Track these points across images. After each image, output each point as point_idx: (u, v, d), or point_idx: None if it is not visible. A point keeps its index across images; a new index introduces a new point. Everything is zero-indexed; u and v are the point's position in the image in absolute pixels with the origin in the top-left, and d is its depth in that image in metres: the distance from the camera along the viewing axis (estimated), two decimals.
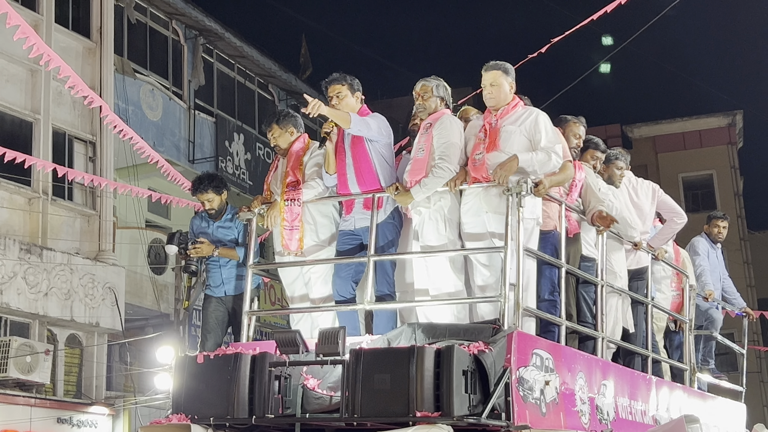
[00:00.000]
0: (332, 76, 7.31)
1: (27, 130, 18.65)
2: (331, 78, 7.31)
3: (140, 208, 20.81)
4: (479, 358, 5.81)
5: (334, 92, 7.26)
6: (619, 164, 8.64)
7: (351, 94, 7.27)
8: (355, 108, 7.26)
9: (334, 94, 7.25)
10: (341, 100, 7.23)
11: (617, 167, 8.61)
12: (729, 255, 11.83)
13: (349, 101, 7.25)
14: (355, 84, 7.31)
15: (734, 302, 11.47)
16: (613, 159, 8.64)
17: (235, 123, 25.19)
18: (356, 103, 7.31)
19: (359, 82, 7.33)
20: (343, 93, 7.24)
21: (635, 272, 8.52)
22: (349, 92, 7.26)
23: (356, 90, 7.31)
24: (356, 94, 7.30)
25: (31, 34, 9.55)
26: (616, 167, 8.60)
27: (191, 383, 6.34)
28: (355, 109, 7.26)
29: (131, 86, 21.26)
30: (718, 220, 11.24)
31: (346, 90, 7.26)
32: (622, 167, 8.65)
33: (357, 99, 7.31)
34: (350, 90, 7.27)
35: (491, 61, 7.14)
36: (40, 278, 17.70)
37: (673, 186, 32.72)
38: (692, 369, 9.26)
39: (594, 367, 7.08)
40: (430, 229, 6.96)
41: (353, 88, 7.29)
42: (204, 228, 8.30)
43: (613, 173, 8.57)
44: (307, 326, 7.29)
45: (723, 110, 36.19)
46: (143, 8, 22.41)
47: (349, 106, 7.23)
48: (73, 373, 18.94)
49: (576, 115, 8.01)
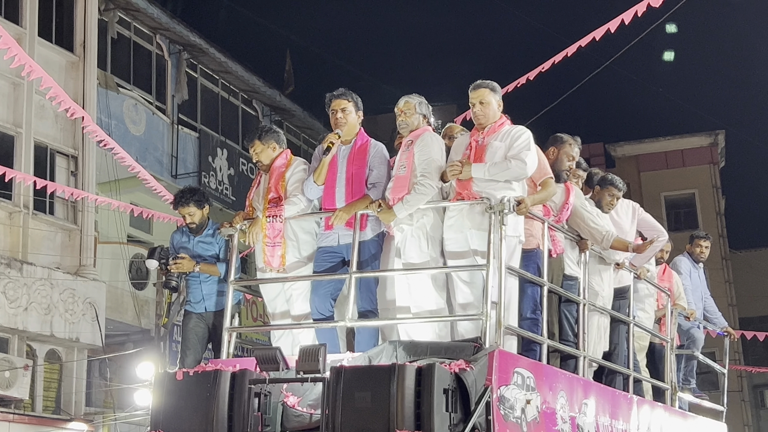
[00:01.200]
0: (339, 91, 7.34)
1: (8, 143, 18.57)
2: (338, 92, 7.33)
3: (122, 223, 20.73)
4: (460, 376, 5.78)
5: (339, 107, 7.27)
6: (615, 192, 8.53)
7: (355, 111, 7.32)
8: (355, 125, 7.32)
9: (339, 108, 7.27)
10: (346, 115, 7.25)
11: (611, 194, 8.52)
12: (710, 274, 11.85)
13: (351, 118, 7.29)
14: (359, 103, 7.37)
15: (716, 321, 11.49)
16: (608, 185, 8.55)
17: (219, 138, 25.16)
18: (357, 121, 7.37)
19: (361, 102, 7.36)
20: (348, 109, 7.28)
21: (618, 291, 8.51)
22: (353, 109, 7.31)
23: (359, 109, 7.38)
24: (359, 113, 7.37)
25: (13, 45, 9.53)
26: (609, 194, 8.52)
27: (170, 400, 6.29)
28: (356, 127, 7.33)
29: (114, 100, 21.22)
30: (700, 239, 11.27)
31: (351, 107, 7.30)
32: (616, 195, 8.54)
33: (359, 117, 7.38)
34: (354, 107, 7.33)
35: (478, 80, 7.16)
36: (20, 293, 17.59)
37: (655, 205, 32.86)
38: (673, 388, 9.25)
39: (575, 386, 7.07)
40: (413, 246, 6.94)
41: (357, 107, 7.36)
42: (184, 243, 8.25)
43: (604, 198, 8.50)
44: (288, 343, 7.26)
45: (705, 130, 36.40)
46: (127, 23, 22.39)
47: (352, 123, 7.28)
48: (53, 389, 18.81)
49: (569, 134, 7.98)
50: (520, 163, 6.80)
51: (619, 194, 8.60)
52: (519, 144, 6.90)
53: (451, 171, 6.87)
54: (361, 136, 7.37)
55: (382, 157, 7.28)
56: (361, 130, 7.40)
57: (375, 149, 7.27)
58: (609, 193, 8.54)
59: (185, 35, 23.46)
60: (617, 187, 8.58)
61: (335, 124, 7.27)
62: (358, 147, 7.27)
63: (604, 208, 8.47)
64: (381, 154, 7.28)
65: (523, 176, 6.91)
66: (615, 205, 8.61)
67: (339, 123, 7.26)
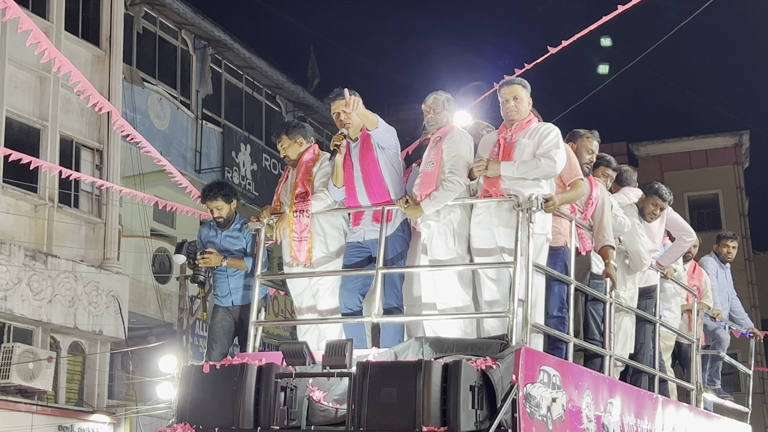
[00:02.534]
0: (335, 92, 7.26)
1: (35, 136, 18.68)
2: (334, 94, 7.26)
3: (145, 216, 20.82)
4: (486, 373, 5.78)
5: (339, 108, 7.20)
6: (659, 202, 8.43)
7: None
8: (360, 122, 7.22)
9: (340, 109, 7.19)
10: (349, 114, 7.15)
11: (655, 203, 8.45)
12: (734, 275, 11.78)
13: (354, 115, 7.18)
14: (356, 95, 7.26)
15: (742, 322, 11.42)
16: (653, 194, 8.45)
17: (242, 134, 25.22)
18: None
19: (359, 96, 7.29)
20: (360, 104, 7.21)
21: (644, 290, 8.47)
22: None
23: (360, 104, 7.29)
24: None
25: (43, 39, 9.59)
26: (653, 203, 8.46)
27: (196, 393, 6.30)
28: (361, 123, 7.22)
29: (139, 95, 21.31)
30: (727, 240, 11.20)
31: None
32: (660, 205, 8.44)
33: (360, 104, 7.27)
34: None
35: (509, 77, 7.15)
36: (45, 285, 17.70)
37: (678, 205, 32.44)
38: (698, 388, 9.21)
39: (601, 385, 7.04)
40: (439, 243, 6.93)
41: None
42: (212, 237, 8.27)
43: (647, 207, 8.44)
44: (314, 338, 7.26)
45: (730, 130, 36.18)
46: (153, 17, 22.47)
47: (355, 120, 7.18)
48: (75, 381, 18.92)
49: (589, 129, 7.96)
50: (549, 161, 6.78)
51: (664, 204, 8.52)
52: (548, 142, 6.88)
53: (477, 168, 6.85)
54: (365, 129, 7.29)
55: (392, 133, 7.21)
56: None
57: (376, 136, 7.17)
58: (653, 202, 8.51)
59: (210, 30, 23.53)
60: (662, 197, 8.51)
61: (340, 125, 7.26)
62: (364, 139, 7.23)
63: (646, 217, 8.44)
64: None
65: (552, 174, 6.88)
66: (658, 215, 8.52)
67: (344, 123, 7.24)
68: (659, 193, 8.50)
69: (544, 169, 6.78)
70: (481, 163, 6.82)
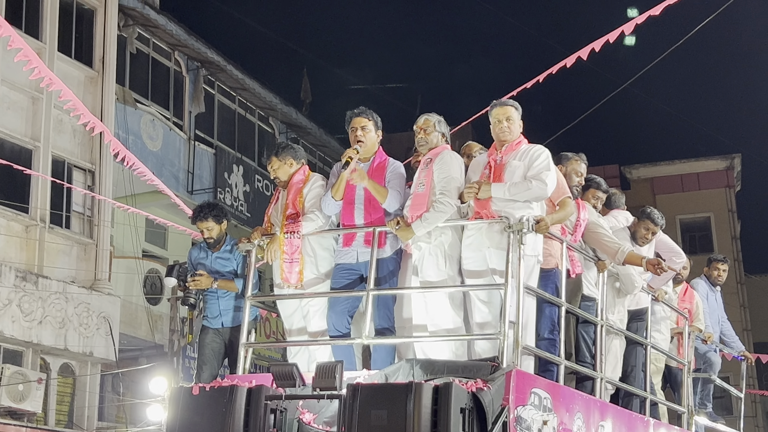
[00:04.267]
0: (360, 109, 7.33)
1: (27, 157, 18.66)
2: (359, 110, 7.32)
3: (137, 237, 20.78)
4: (477, 395, 5.75)
5: (359, 124, 7.25)
6: (651, 227, 8.44)
7: (374, 130, 7.31)
8: (375, 144, 7.32)
9: (359, 126, 7.24)
10: (366, 133, 7.24)
11: (647, 228, 8.46)
12: (725, 298, 11.79)
13: (371, 136, 7.28)
14: (379, 122, 7.36)
15: (733, 345, 11.42)
16: (645, 218, 8.47)
17: (235, 155, 25.23)
18: (377, 140, 7.36)
19: (381, 121, 7.35)
20: (369, 127, 7.26)
21: (635, 313, 8.47)
22: (373, 128, 7.30)
23: (379, 128, 7.36)
24: (378, 132, 7.35)
25: (33, 58, 9.59)
26: (645, 227, 8.46)
27: (186, 414, 6.27)
28: (375, 145, 7.33)
29: (132, 116, 21.31)
30: (718, 263, 11.22)
31: (371, 125, 7.28)
32: (652, 230, 8.45)
33: (378, 136, 7.36)
34: (374, 126, 7.31)
35: (501, 98, 7.18)
36: (35, 306, 17.63)
37: (670, 228, 32.56)
38: (690, 412, 9.18)
39: (592, 408, 7.02)
40: (430, 264, 6.92)
41: (377, 126, 7.34)
42: (202, 258, 8.25)
43: (639, 231, 8.47)
44: (305, 360, 7.23)
45: (721, 153, 36.28)
46: (146, 39, 22.50)
47: (371, 141, 7.27)
48: (65, 403, 18.82)
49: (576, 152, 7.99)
50: (540, 183, 6.79)
51: (656, 229, 8.53)
52: (539, 164, 6.89)
53: (468, 192, 6.86)
54: (380, 154, 7.37)
55: (400, 175, 7.28)
56: (379, 149, 7.40)
57: (392, 167, 7.27)
58: (645, 226, 8.51)
59: (203, 52, 23.57)
60: (654, 221, 8.51)
61: (354, 141, 7.27)
62: (377, 165, 7.28)
63: (638, 241, 8.44)
64: (398, 172, 7.27)
65: (543, 197, 6.89)
66: (650, 239, 8.53)
67: (359, 141, 7.26)
68: (651, 218, 8.52)
69: (535, 191, 6.79)
70: (472, 188, 6.83)
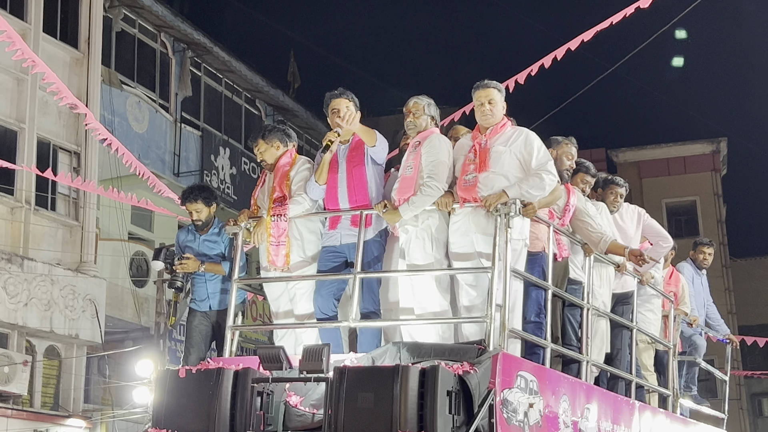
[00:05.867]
0: (338, 90, 7.26)
1: (12, 138, 18.56)
2: (337, 92, 7.24)
3: (123, 220, 20.71)
4: (464, 378, 5.77)
5: (340, 105, 7.19)
6: (616, 189, 8.68)
7: (354, 111, 7.21)
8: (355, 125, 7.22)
9: (340, 107, 7.18)
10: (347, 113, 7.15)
11: (613, 192, 8.66)
12: (711, 282, 11.84)
13: (351, 116, 7.16)
14: (357, 102, 7.28)
15: (718, 329, 11.47)
16: (609, 183, 8.68)
17: (221, 137, 25.15)
18: (357, 120, 7.26)
19: (358, 101, 7.30)
20: (351, 108, 7.18)
21: (621, 296, 8.50)
22: (353, 109, 7.21)
23: (358, 108, 7.26)
24: (357, 113, 7.23)
25: (17, 39, 9.54)
26: (611, 192, 8.65)
27: (172, 398, 6.27)
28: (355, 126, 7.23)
29: (118, 98, 21.21)
30: (704, 246, 11.27)
31: (352, 107, 7.21)
32: (618, 192, 8.69)
33: (357, 117, 7.23)
34: (354, 107, 7.22)
35: (484, 80, 7.12)
36: (21, 288, 17.58)
37: (656, 211, 32.81)
38: (675, 394, 9.24)
39: (578, 391, 7.05)
40: (417, 247, 6.91)
41: (356, 106, 7.25)
42: (189, 241, 8.23)
43: (608, 198, 8.63)
44: (291, 342, 7.23)
45: (707, 137, 36.40)
46: (132, 20, 22.38)
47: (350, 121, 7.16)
48: (51, 385, 18.79)
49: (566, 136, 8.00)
50: (550, 176, 6.82)
51: (621, 190, 8.71)
52: (541, 156, 6.89)
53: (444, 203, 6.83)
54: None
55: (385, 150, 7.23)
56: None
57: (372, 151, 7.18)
58: (611, 191, 8.67)
59: (189, 33, 23.46)
60: (618, 184, 8.71)
61: (333, 123, 7.23)
62: (355, 144, 7.21)
63: (609, 207, 8.56)
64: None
65: (553, 188, 6.90)
66: (620, 202, 8.73)
67: (338, 123, 7.22)
68: (615, 182, 8.73)
69: (547, 184, 6.80)
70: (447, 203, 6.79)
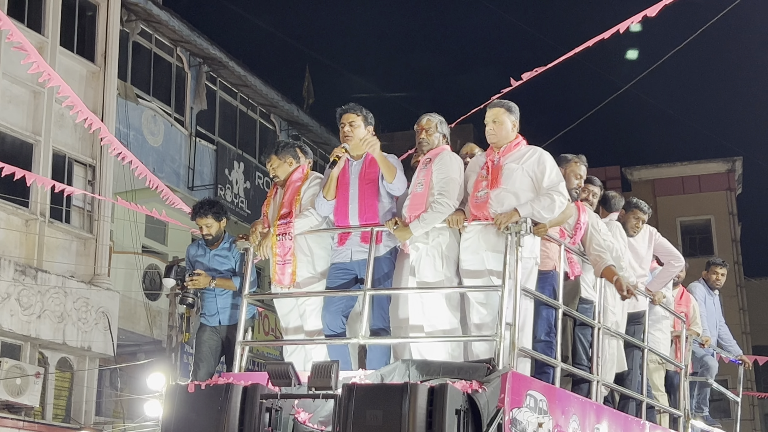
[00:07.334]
0: (349, 105, 7.24)
1: (27, 151, 18.65)
2: (347, 107, 7.23)
3: (137, 233, 20.77)
4: (473, 397, 5.75)
5: (347, 120, 7.17)
6: (640, 215, 8.71)
7: (364, 125, 7.19)
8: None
9: (348, 122, 7.16)
10: (354, 129, 7.16)
11: (636, 217, 8.69)
12: (725, 302, 11.78)
13: (360, 132, 7.17)
14: (369, 117, 7.23)
15: (730, 349, 11.40)
16: (633, 208, 8.71)
17: (236, 151, 25.21)
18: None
19: (373, 116, 7.28)
20: (357, 123, 7.16)
21: (632, 316, 8.46)
22: (362, 123, 7.18)
23: (369, 123, 7.22)
24: (368, 128, 7.21)
25: (32, 52, 9.60)
26: (634, 216, 8.69)
27: (181, 412, 6.27)
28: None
29: (133, 111, 21.30)
30: (717, 266, 11.21)
31: (360, 121, 7.17)
32: (641, 218, 8.71)
33: (368, 132, 7.22)
34: (364, 122, 7.19)
35: (496, 99, 7.14)
36: (34, 300, 17.63)
37: (671, 230, 32.73)
38: (686, 415, 9.18)
39: (588, 411, 7.02)
40: (427, 265, 6.90)
41: (367, 121, 7.21)
42: (200, 256, 8.24)
43: (629, 221, 8.65)
44: (301, 359, 7.22)
45: (723, 156, 36.26)
46: (148, 34, 22.48)
47: (360, 137, 7.15)
48: (63, 397, 18.82)
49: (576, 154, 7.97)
50: (560, 196, 6.81)
51: (644, 217, 8.74)
52: (554, 176, 6.89)
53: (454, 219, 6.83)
54: None
55: (396, 160, 7.18)
56: None
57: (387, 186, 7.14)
58: (634, 216, 8.69)
59: (205, 48, 23.55)
60: (642, 210, 8.72)
61: (343, 138, 7.21)
62: (369, 161, 7.18)
63: (629, 231, 8.62)
64: (394, 158, 7.16)
65: (563, 208, 6.89)
66: (641, 228, 8.74)
67: (347, 137, 7.20)
68: (639, 207, 8.74)
69: (558, 204, 6.79)
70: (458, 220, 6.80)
